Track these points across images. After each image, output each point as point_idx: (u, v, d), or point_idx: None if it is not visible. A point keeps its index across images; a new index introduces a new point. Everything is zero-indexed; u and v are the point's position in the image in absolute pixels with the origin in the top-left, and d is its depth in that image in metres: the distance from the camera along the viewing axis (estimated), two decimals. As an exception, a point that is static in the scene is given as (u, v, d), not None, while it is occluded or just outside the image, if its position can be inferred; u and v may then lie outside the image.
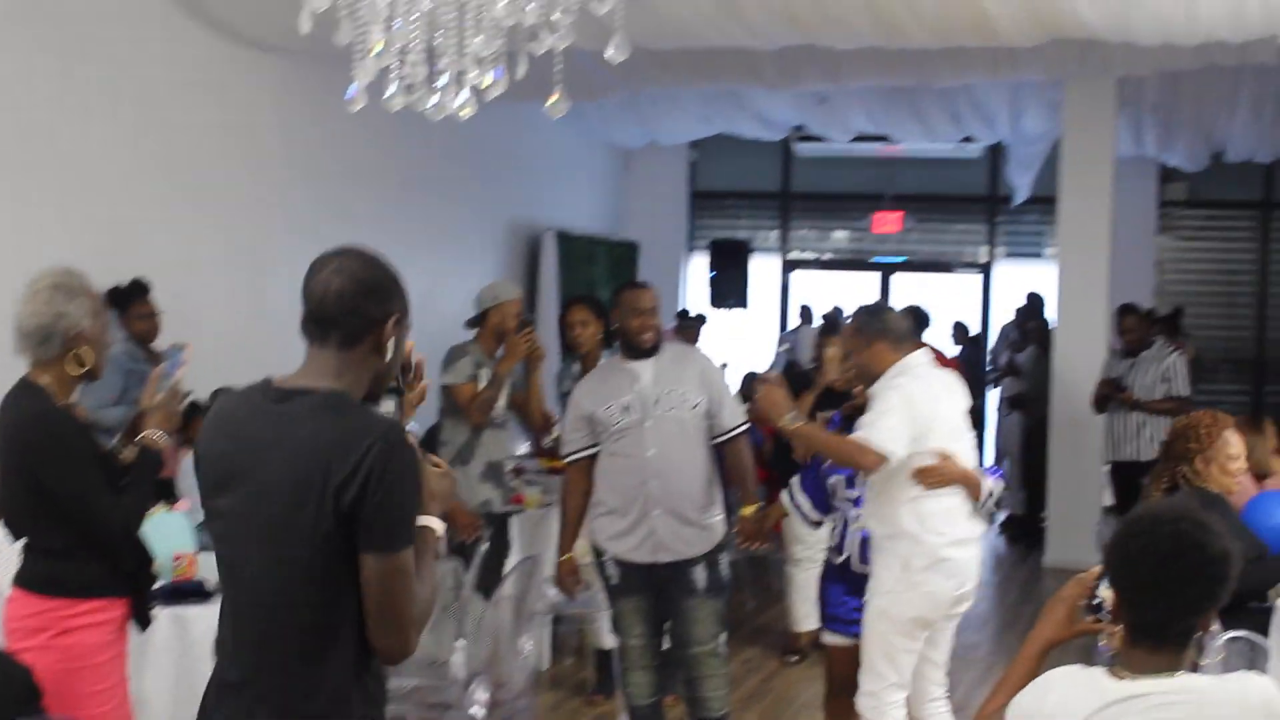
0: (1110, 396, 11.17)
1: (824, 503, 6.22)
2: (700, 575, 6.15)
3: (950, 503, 5.64)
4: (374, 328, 3.18)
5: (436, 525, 3.23)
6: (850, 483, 6.00)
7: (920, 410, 5.54)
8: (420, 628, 3.11)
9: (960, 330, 15.80)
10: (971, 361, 15.24)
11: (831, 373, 8.60)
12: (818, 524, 6.41)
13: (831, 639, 6.23)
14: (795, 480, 6.36)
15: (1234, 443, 6.08)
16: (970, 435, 5.87)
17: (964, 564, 5.67)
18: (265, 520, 3.07)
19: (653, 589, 6.18)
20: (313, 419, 3.07)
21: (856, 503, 5.98)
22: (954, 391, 5.77)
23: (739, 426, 6.32)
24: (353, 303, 3.15)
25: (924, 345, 6.05)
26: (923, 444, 5.57)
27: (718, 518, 6.24)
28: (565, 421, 6.49)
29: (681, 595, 6.12)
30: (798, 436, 5.75)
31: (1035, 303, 14.63)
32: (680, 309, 15.59)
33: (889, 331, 5.72)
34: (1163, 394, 10.96)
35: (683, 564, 6.12)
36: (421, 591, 3.11)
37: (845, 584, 6.06)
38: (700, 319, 15.19)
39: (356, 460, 2.97)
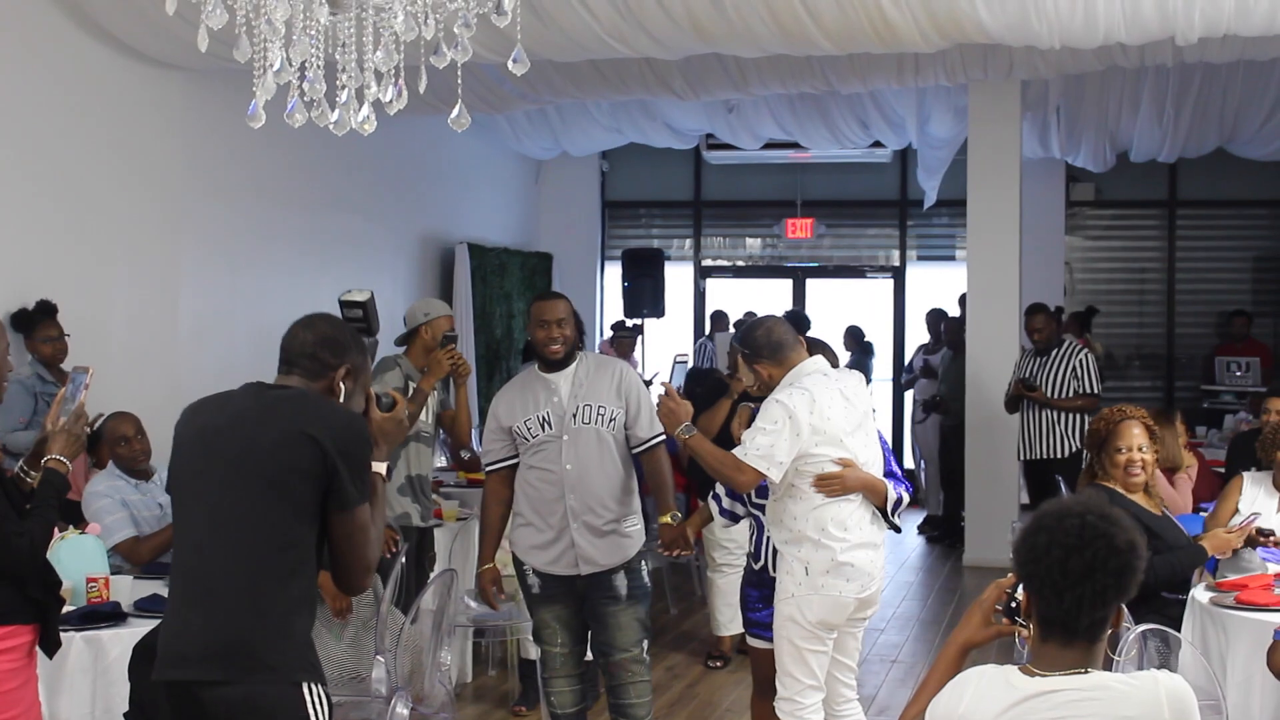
0: (1021, 396, 11.28)
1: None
2: (621, 583, 6.14)
3: (849, 508, 5.68)
4: (327, 372, 3.97)
5: (380, 469, 3.96)
6: (764, 491, 5.97)
7: (806, 422, 5.56)
8: (372, 571, 3.90)
9: (852, 336, 15.88)
10: (862, 367, 15.41)
11: (747, 379, 8.65)
12: (737, 519, 6.47)
13: (755, 642, 6.26)
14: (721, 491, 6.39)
15: (1125, 435, 6.22)
16: (873, 438, 5.90)
17: (865, 568, 5.69)
18: (252, 478, 3.73)
19: (574, 597, 6.17)
20: (294, 404, 3.82)
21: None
22: (852, 396, 5.77)
23: (656, 437, 6.32)
24: (311, 349, 3.96)
25: (819, 350, 6.12)
26: (816, 452, 5.61)
27: (636, 526, 6.23)
28: (485, 431, 6.46)
29: (603, 603, 6.12)
30: (688, 448, 5.76)
31: (942, 314, 14.80)
32: (616, 320, 15.60)
33: (763, 350, 5.82)
34: (1073, 391, 11.08)
35: (604, 573, 6.12)
36: (375, 546, 3.85)
37: (764, 589, 6.08)
38: (637, 329, 15.21)
39: (329, 443, 3.73)
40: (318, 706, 3.76)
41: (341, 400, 3.94)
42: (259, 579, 3.72)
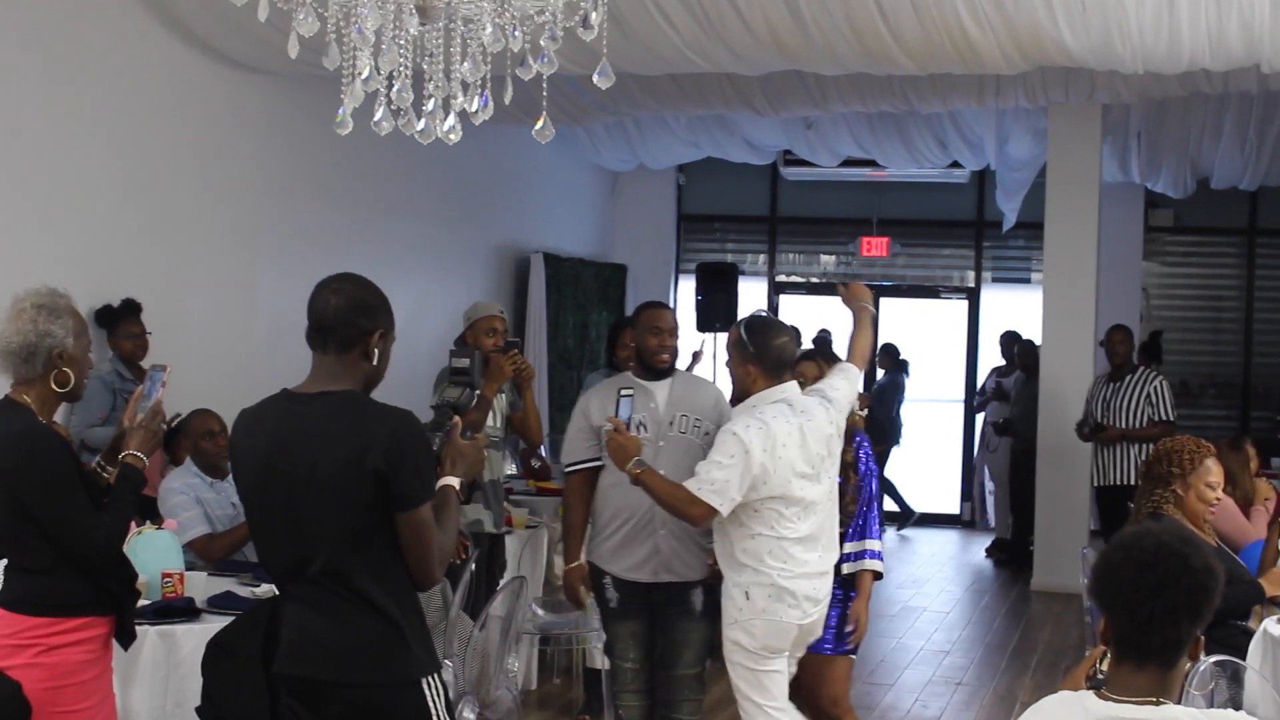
0: (1089, 431, 11.26)
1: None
2: (698, 598, 6.15)
3: (789, 540, 5.65)
4: (363, 338, 3.94)
5: (454, 483, 4.00)
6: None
7: (758, 460, 5.52)
8: (443, 564, 3.92)
9: (886, 353, 15.82)
10: (896, 384, 15.45)
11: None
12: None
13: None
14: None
15: (1214, 470, 6.10)
16: (831, 474, 5.84)
17: (806, 595, 5.68)
18: (325, 493, 3.79)
19: (648, 612, 6.19)
20: (344, 415, 3.85)
21: None
22: (810, 433, 5.69)
23: None
24: (346, 316, 3.92)
25: (810, 367, 6.24)
26: (762, 489, 5.58)
27: (711, 546, 6.12)
28: (570, 430, 6.41)
29: (676, 616, 6.14)
30: (640, 483, 5.67)
31: (1015, 337, 14.73)
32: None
33: (766, 358, 5.74)
34: (1146, 418, 11.00)
35: (681, 585, 6.13)
36: (442, 536, 3.90)
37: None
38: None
39: (383, 445, 3.77)
40: (437, 700, 3.88)
41: (375, 362, 3.97)
42: (358, 582, 3.82)
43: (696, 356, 12.48)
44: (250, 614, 4.34)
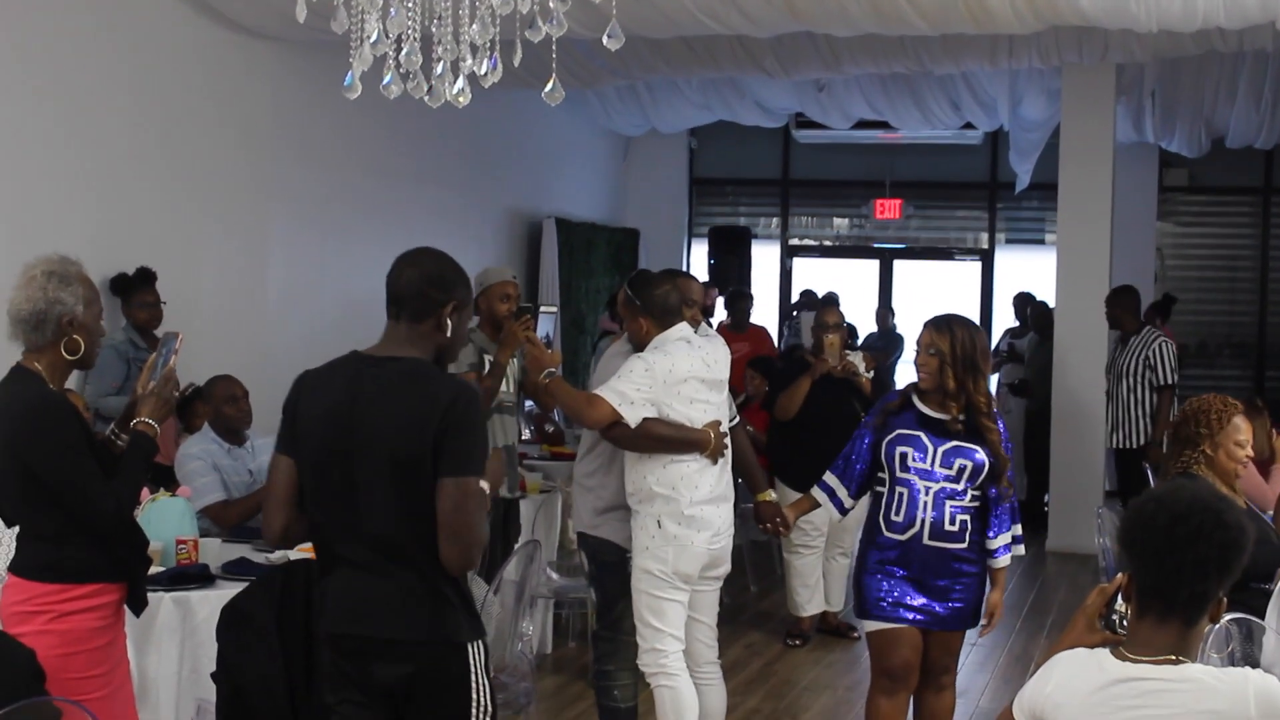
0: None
1: (860, 484, 6.00)
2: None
3: (696, 466, 5.89)
4: (435, 309, 3.99)
5: (485, 486, 3.93)
6: (922, 452, 5.76)
7: (661, 379, 5.78)
8: (478, 550, 3.90)
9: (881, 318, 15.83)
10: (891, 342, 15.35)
11: (832, 359, 8.65)
12: (848, 511, 6.18)
13: (875, 625, 5.86)
14: (829, 474, 6.06)
15: (1243, 428, 6.06)
16: (724, 403, 6.12)
17: (713, 519, 5.89)
18: (386, 458, 3.81)
19: None
20: (411, 381, 3.90)
21: (928, 475, 5.75)
22: (712, 363, 5.99)
23: (735, 418, 6.46)
24: (419, 287, 3.99)
25: (690, 318, 6.21)
26: (667, 412, 5.81)
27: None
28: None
29: None
30: (548, 391, 5.98)
31: (1029, 298, 14.71)
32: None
33: (654, 308, 5.97)
34: (1147, 381, 10.96)
35: None
36: (483, 529, 3.91)
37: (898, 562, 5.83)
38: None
39: (444, 409, 3.81)
40: (479, 665, 3.90)
41: (449, 335, 4.02)
42: (411, 549, 3.83)
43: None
44: (264, 579, 4.36)
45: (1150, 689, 2.99)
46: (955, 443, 5.73)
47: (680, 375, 5.81)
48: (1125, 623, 3.19)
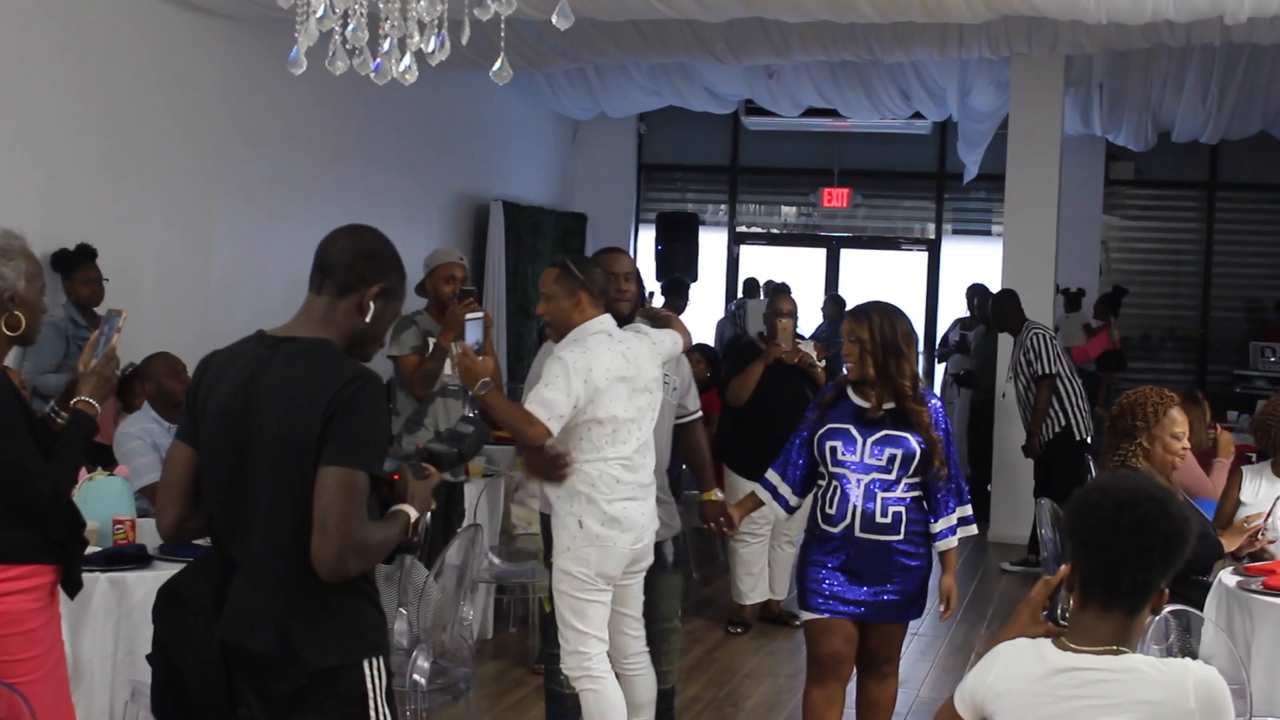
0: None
1: (803, 481, 5.99)
2: (669, 551, 6.23)
3: (618, 463, 5.71)
4: (361, 286, 3.68)
5: (411, 513, 3.68)
6: (851, 444, 5.76)
7: (581, 379, 5.56)
8: (359, 558, 3.49)
9: (835, 303, 15.75)
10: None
11: (785, 345, 8.65)
12: (794, 509, 6.14)
13: (815, 615, 5.87)
14: (771, 471, 6.07)
15: (1179, 420, 6.11)
16: (656, 401, 5.87)
17: (636, 518, 5.73)
18: (276, 450, 3.51)
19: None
20: (302, 362, 3.56)
21: (858, 466, 5.72)
22: (630, 357, 5.73)
23: (697, 411, 6.45)
24: (351, 259, 3.69)
25: (623, 294, 6.17)
26: (589, 410, 5.61)
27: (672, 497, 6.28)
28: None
29: (654, 571, 6.05)
30: (484, 403, 5.70)
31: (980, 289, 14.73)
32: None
33: (593, 284, 5.77)
34: (1027, 374, 10.98)
35: (658, 544, 6.06)
36: (371, 532, 3.52)
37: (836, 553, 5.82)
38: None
39: (334, 393, 3.46)
40: (377, 684, 3.63)
41: (368, 320, 3.70)
42: (299, 551, 3.49)
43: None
44: (202, 560, 4.29)
45: (1091, 679, 3.01)
46: (885, 432, 5.71)
47: (598, 380, 5.58)
48: (1068, 614, 3.19)
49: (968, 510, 5.93)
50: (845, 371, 5.84)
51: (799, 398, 8.14)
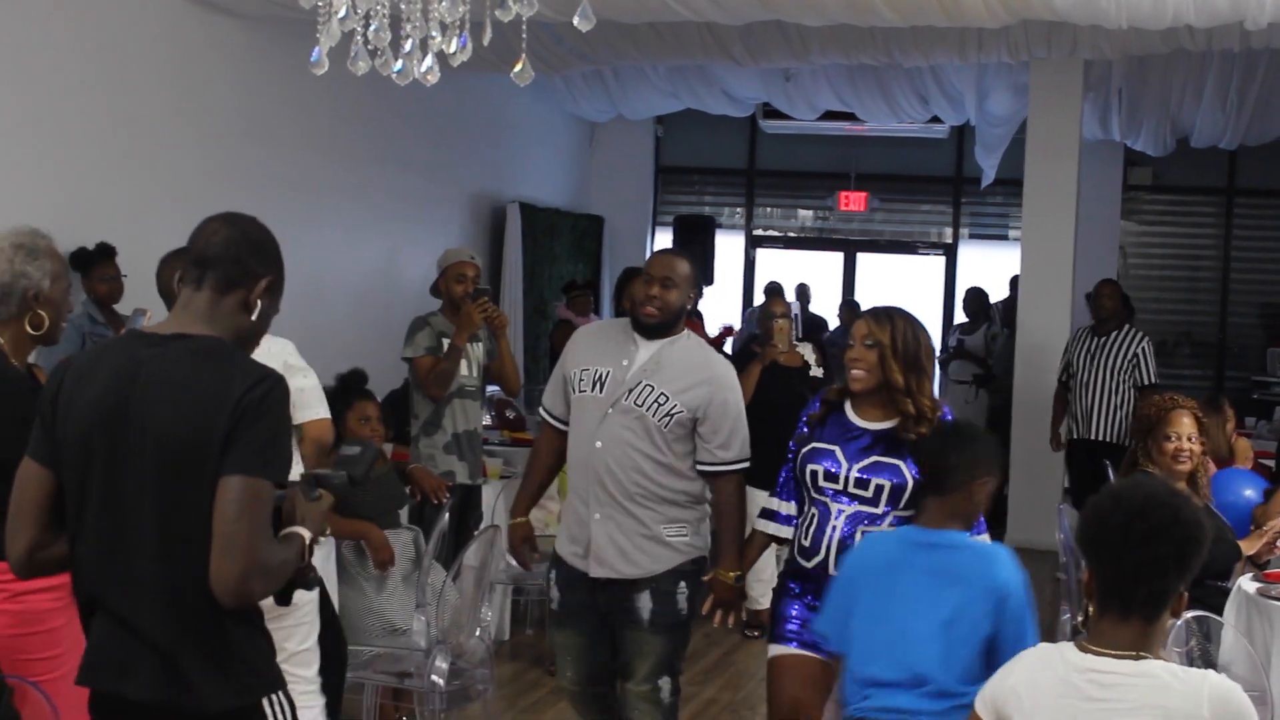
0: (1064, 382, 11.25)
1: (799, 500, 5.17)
2: (644, 604, 5.34)
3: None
4: (248, 282, 3.36)
5: (305, 534, 3.30)
6: (836, 469, 4.95)
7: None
8: (264, 579, 3.14)
9: (850, 308, 15.72)
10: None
11: (781, 345, 8.63)
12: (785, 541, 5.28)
13: (781, 649, 5.08)
14: (769, 499, 5.27)
15: (1176, 424, 6.19)
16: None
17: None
18: (161, 463, 3.14)
19: (594, 620, 5.46)
20: (199, 360, 3.21)
21: (839, 496, 4.93)
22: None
23: (734, 464, 5.44)
24: (235, 251, 3.35)
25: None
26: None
27: (683, 538, 5.40)
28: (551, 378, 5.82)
29: (621, 623, 5.38)
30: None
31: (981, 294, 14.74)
32: (569, 280, 15.23)
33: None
34: (1129, 380, 10.93)
35: (624, 585, 5.34)
36: (273, 552, 3.16)
37: (810, 585, 5.01)
38: (589, 285, 14.68)
39: (238, 397, 3.12)
40: (280, 718, 3.29)
41: (255, 318, 3.37)
42: (188, 588, 3.13)
43: (729, 331, 12.44)
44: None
45: (1110, 682, 3.03)
46: (875, 459, 4.88)
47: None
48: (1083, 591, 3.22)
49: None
50: (849, 381, 5.00)
51: (797, 399, 8.07)
